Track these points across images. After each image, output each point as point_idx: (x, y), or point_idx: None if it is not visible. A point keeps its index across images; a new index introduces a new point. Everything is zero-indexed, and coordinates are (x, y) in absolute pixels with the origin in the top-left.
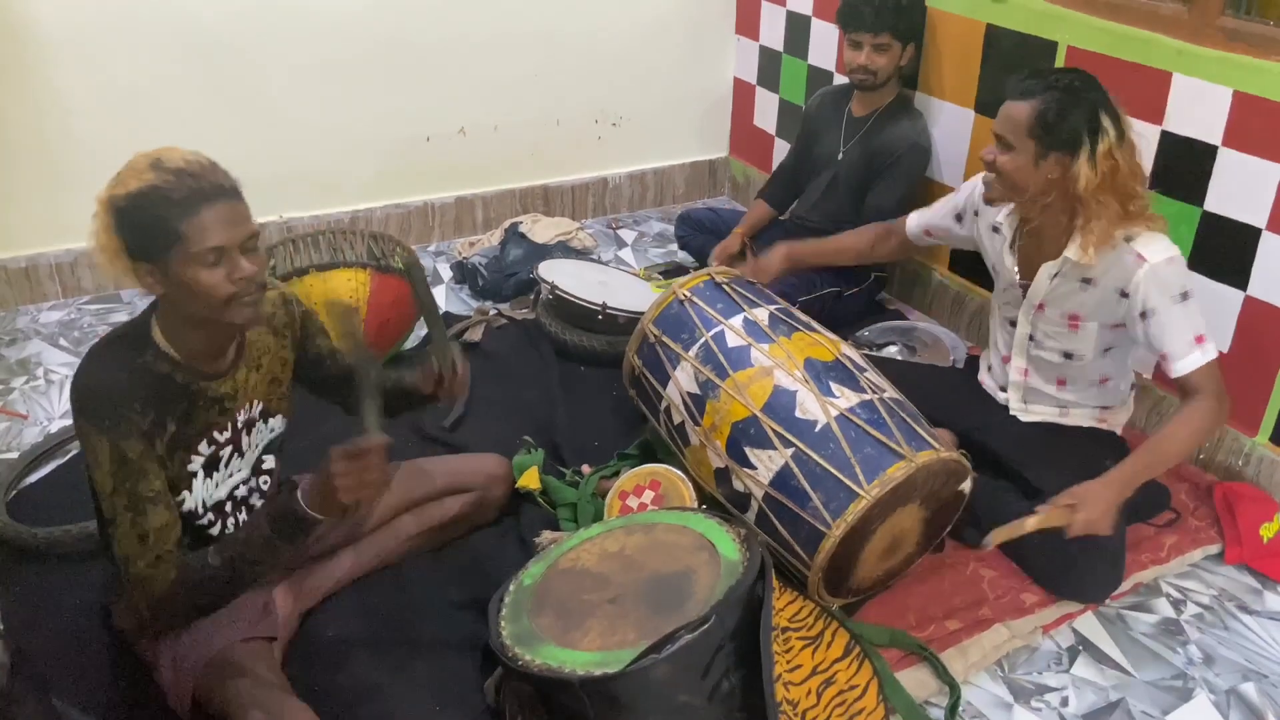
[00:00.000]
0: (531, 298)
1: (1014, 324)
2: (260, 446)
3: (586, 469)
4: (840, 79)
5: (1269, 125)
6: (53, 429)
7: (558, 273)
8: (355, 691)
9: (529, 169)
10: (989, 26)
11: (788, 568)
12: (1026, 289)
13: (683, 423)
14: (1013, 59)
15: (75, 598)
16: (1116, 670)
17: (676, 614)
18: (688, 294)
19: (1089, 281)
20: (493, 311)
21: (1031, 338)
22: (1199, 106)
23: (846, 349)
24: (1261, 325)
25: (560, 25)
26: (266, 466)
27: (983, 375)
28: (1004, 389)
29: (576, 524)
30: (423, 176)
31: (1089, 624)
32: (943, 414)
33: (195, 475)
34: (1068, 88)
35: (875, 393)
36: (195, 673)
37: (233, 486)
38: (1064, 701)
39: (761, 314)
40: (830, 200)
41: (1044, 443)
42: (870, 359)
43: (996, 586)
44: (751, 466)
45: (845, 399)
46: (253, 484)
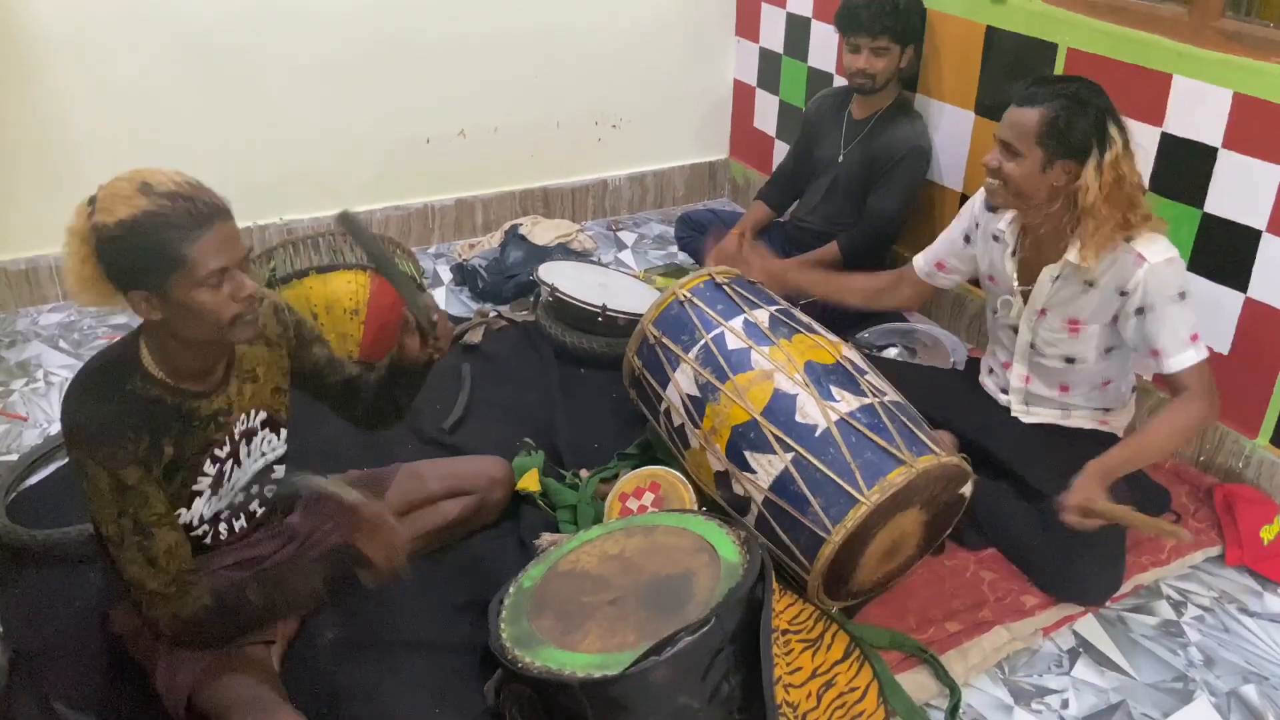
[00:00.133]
0: (531, 300)
1: (1014, 331)
2: (267, 456)
3: (585, 474)
4: (840, 81)
5: (1269, 127)
6: (52, 431)
7: (558, 275)
8: (355, 693)
9: (529, 171)
10: (989, 28)
11: (787, 572)
12: (1027, 295)
13: (682, 425)
14: (1013, 61)
15: (74, 600)
16: (1117, 672)
17: (676, 616)
18: (687, 295)
19: (1090, 284)
20: (493, 314)
21: (1032, 345)
22: (1199, 108)
23: (847, 351)
24: (1262, 327)
25: (560, 27)
26: (274, 476)
27: (983, 377)
28: (1005, 391)
29: (576, 526)
30: (423, 178)
31: (1089, 626)
32: (944, 416)
33: (200, 494)
34: (1076, 95)
35: (876, 396)
36: (192, 677)
37: (232, 497)
38: (1064, 704)
39: (762, 315)
40: (830, 203)
41: (1045, 445)
42: (871, 360)
43: (997, 589)
44: (751, 470)
45: (846, 403)
46: (253, 491)
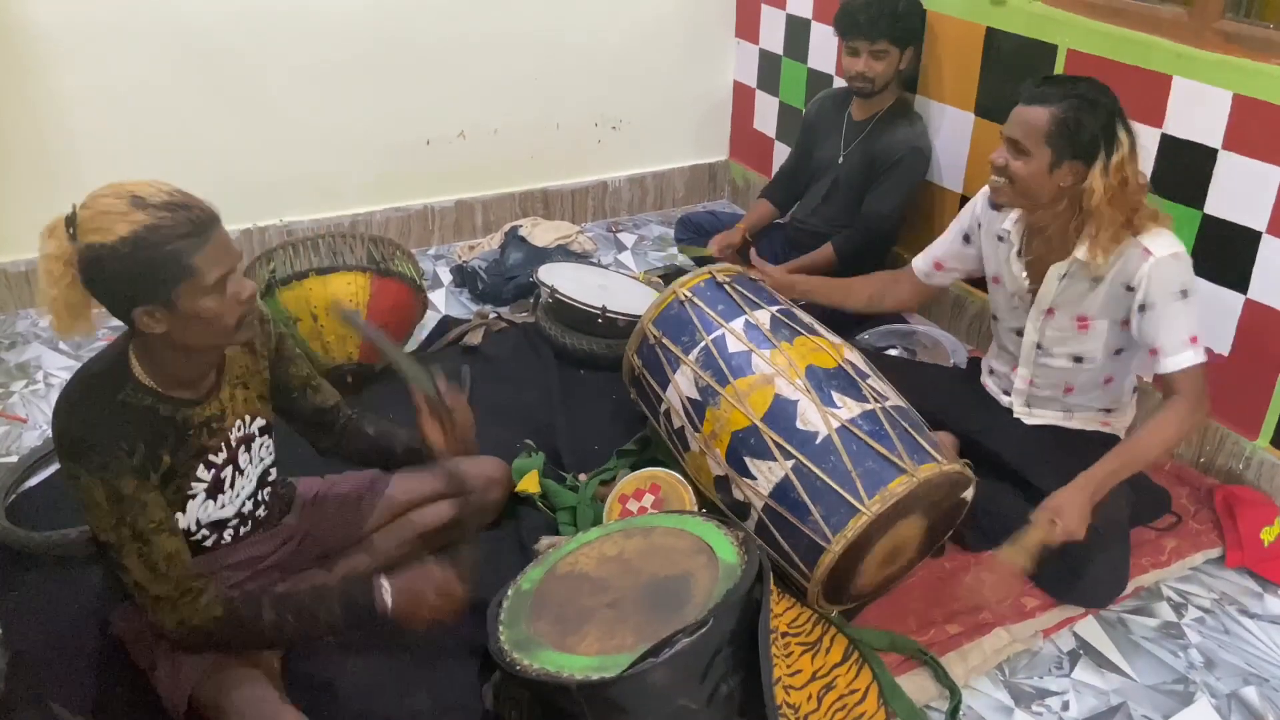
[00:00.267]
0: (531, 301)
1: (1019, 333)
2: (265, 460)
3: (584, 477)
4: (840, 82)
5: (1269, 128)
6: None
7: (557, 276)
8: (354, 696)
9: (529, 172)
10: (989, 30)
11: (787, 578)
12: (1035, 294)
13: (682, 427)
14: (1013, 62)
15: (74, 602)
16: (1117, 674)
17: (674, 617)
18: (688, 294)
19: (1097, 279)
20: (492, 315)
21: (1039, 345)
22: (1199, 109)
23: (849, 353)
24: (1262, 328)
25: (560, 28)
26: (271, 479)
27: (985, 378)
28: (1007, 393)
29: (576, 528)
30: (422, 180)
31: (1090, 628)
32: (945, 416)
33: (194, 498)
34: (1086, 96)
35: (878, 401)
36: (192, 679)
37: (240, 505)
38: (1065, 706)
39: (763, 317)
40: (831, 204)
41: (1047, 446)
42: (874, 359)
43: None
44: (751, 477)
45: (847, 409)
46: (259, 497)
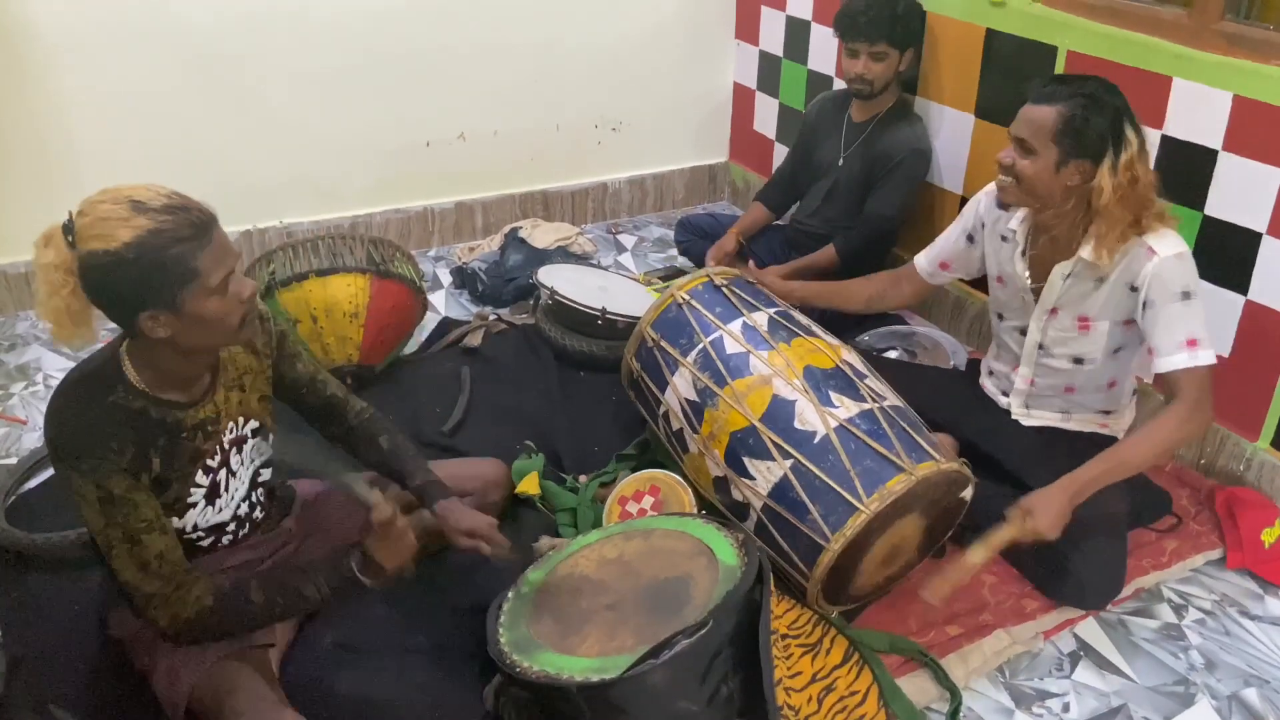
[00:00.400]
0: (531, 303)
1: (1022, 332)
2: (256, 462)
3: (584, 479)
4: (840, 84)
5: (1269, 129)
6: None
7: (557, 278)
8: (353, 698)
9: (529, 174)
10: (989, 31)
11: (786, 578)
12: (1038, 294)
13: (681, 429)
14: (1013, 64)
15: (72, 604)
16: (1118, 676)
17: (674, 619)
18: (686, 297)
19: (1101, 279)
20: (492, 317)
21: (1041, 345)
22: (1199, 111)
23: (847, 354)
24: (1262, 329)
25: (560, 31)
26: (262, 480)
27: (984, 379)
28: (1006, 393)
29: (576, 530)
30: (422, 182)
31: (1090, 629)
32: (944, 418)
33: (194, 505)
34: (1093, 95)
35: (875, 401)
36: (191, 680)
37: (236, 508)
38: (1065, 707)
39: (761, 318)
40: (831, 206)
41: (1045, 448)
42: (872, 361)
43: (997, 592)
44: (750, 477)
45: (845, 409)
46: (252, 499)
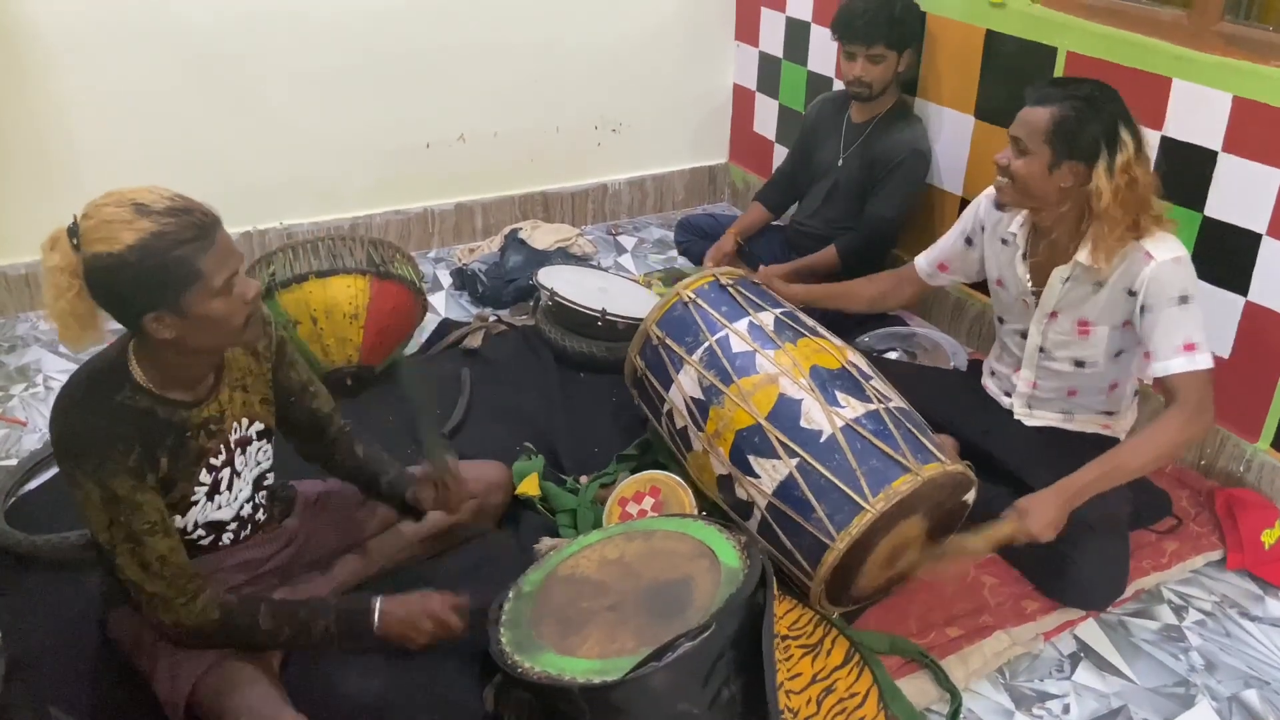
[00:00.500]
0: (531, 304)
1: (1024, 336)
2: (262, 464)
3: (585, 480)
4: (840, 85)
5: (1269, 130)
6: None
7: (557, 279)
8: (353, 699)
9: (529, 175)
10: (988, 32)
11: (790, 577)
12: (1039, 297)
13: (685, 427)
14: (1012, 65)
15: (72, 606)
16: (1118, 677)
17: (676, 621)
18: (692, 295)
19: (1099, 284)
20: (492, 318)
21: (1042, 349)
22: (1199, 112)
23: (852, 355)
24: (1262, 330)
25: (560, 32)
26: (267, 483)
27: (986, 379)
28: (1008, 394)
29: (576, 531)
30: (423, 183)
31: (1090, 631)
32: (945, 418)
33: (196, 503)
34: (1088, 97)
35: (881, 402)
36: (192, 680)
37: (238, 508)
38: (1065, 709)
39: (767, 318)
40: (831, 207)
41: (1047, 449)
42: (874, 362)
43: (998, 593)
44: (755, 475)
45: (851, 409)
46: (255, 501)
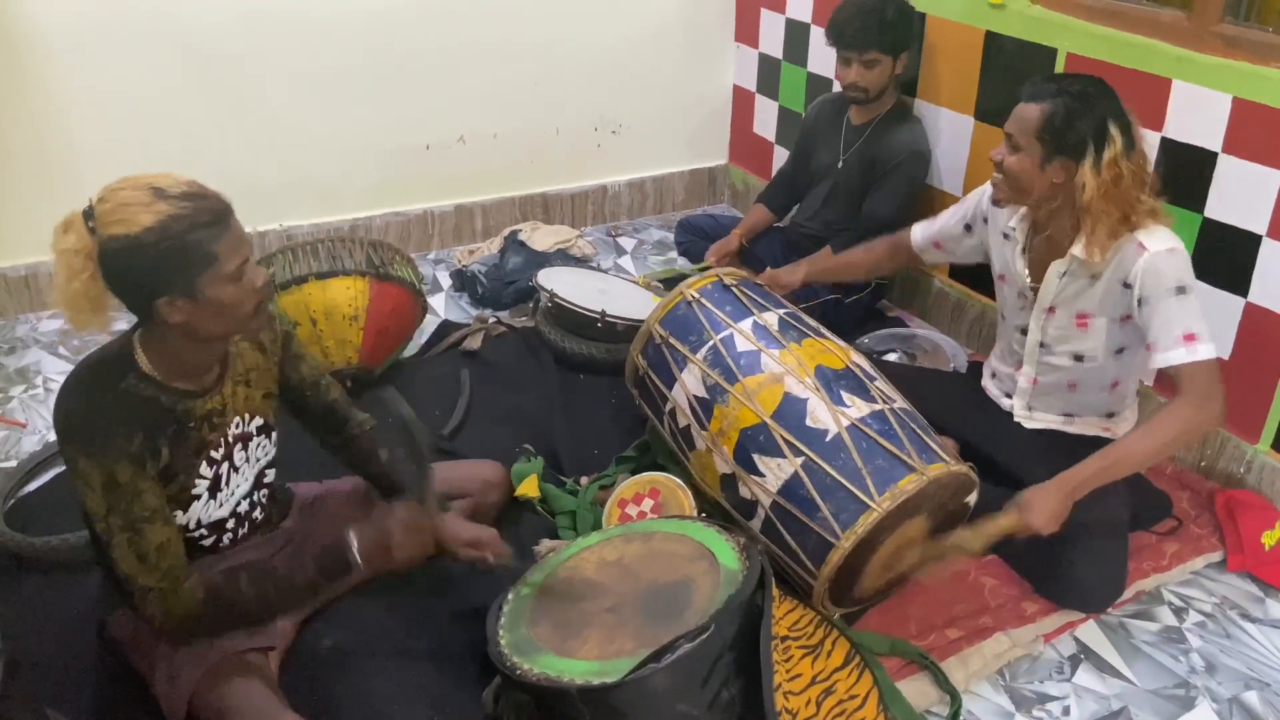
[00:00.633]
0: (531, 306)
1: (1024, 331)
2: (261, 461)
3: (585, 481)
4: (839, 86)
5: (1269, 131)
6: (51, 438)
7: (557, 280)
8: (352, 701)
9: (528, 177)
10: (988, 33)
11: (793, 577)
12: (1037, 292)
13: (688, 426)
14: (1012, 66)
15: (71, 608)
16: (1118, 679)
17: (675, 623)
18: (695, 295)
19: (1095, 276)
20: (492, 319)
21: (1042, 344)
22: (1199, 113)
23: (856, 356)
24: (1262, 332)
25: (560, 33)
26: (266, 480)
27: (986, 381)
28: (1009, 395)
29: (575, 532)
30: (422, 184)
31: (1090, 632)
32: (945, 420)
33: (198, 498)
34: (1080, 94)
35: (886, 403)
36: (191, 683)
37: (235, 504)
38: (1066, 711)
39: (771, 318)
40: (831, 208)
41: (1047, 451)
42: (875, 365)
43: (998, 595)
44: (760, 474)
45: (856, 408)
46: (254, 498)
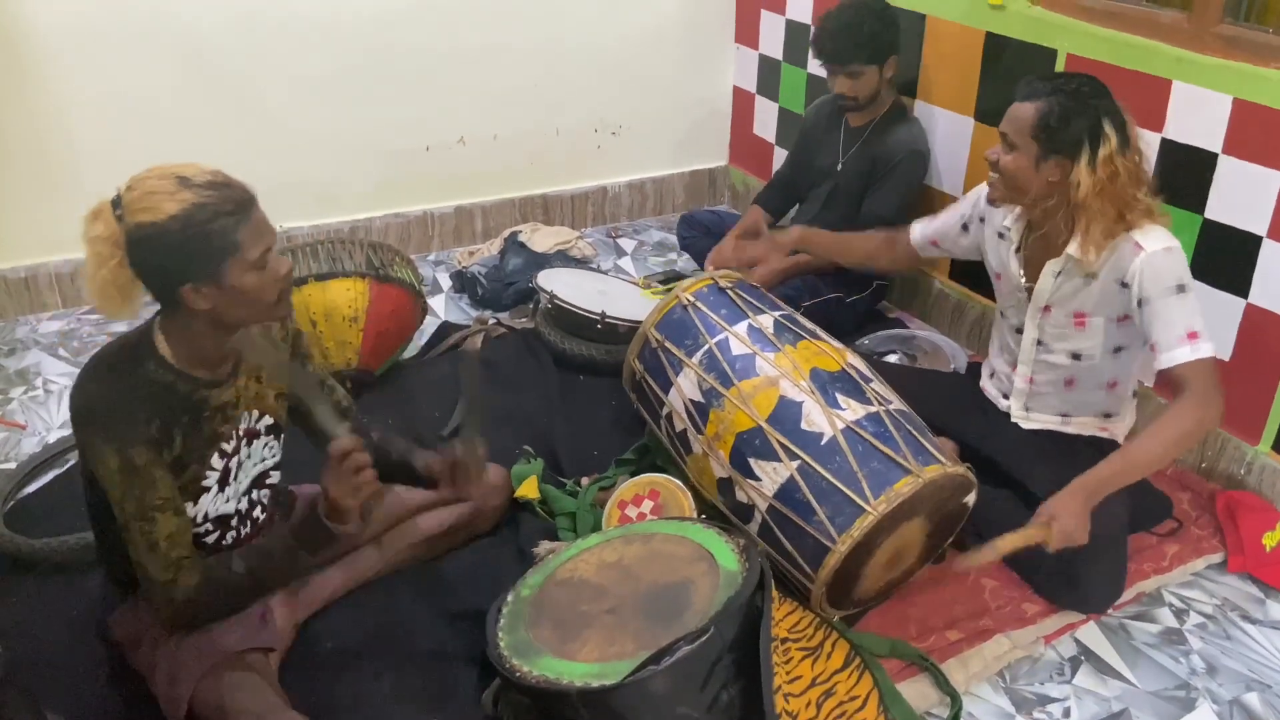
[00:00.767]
0: (531, 307)
1: (1020, 331)
2: (266, 460)
3: (585, 482)
4: None
5: (1269, 132)
6: (51, 439)
7: (557, 282)
8: (352, 702)
9: (528, 178)
10: (988, 34)
11: (791, 580)
12: (1032, 291)
13: (685, 430)
14: (1012, 67)
15: (71, 608)
16: (1119, 680)
17: (675, 625)
18: (691, 298)
19: (1091, 276)
20: (492, 321)
21: (1039, 342)
22: (1199, 114)
23: (852, 358)
24: (1263, 333)
25: (560, 34)
26: (270, 481)
27: (984, 381)
28: (1006, 396)
29: (575, 534)
30: (422, 186)
31: (1091, 634)
32: (944, 421)
33: (209, 490)
34: (1074, 93)
35: (881, 404)
36: (191, 683)
37: (238, 500)
38: (1066, 712)
39: (766, 321)
40: (831, 210)
41: (1045, 451)
42: (873, 365)
43: (998, 596)
44: (756, 478)
45: (852, 411)
46: (255, 496)
